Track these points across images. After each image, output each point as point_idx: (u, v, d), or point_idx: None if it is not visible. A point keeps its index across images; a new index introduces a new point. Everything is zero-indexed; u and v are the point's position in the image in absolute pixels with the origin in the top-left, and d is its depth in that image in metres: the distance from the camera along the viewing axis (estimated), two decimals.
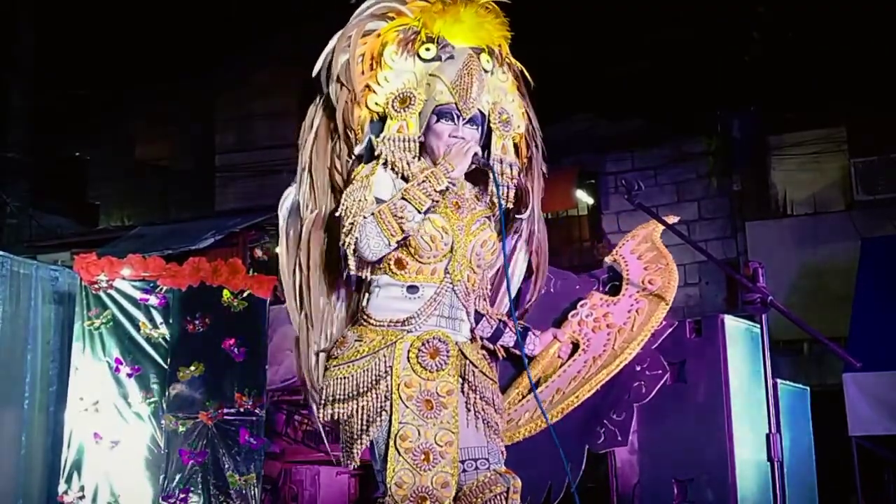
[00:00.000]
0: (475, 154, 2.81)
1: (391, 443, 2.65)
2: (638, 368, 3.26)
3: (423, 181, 2.73)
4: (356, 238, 2.68)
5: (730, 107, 10.32)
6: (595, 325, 3.31)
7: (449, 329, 2.81)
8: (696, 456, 3.85)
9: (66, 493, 6.25)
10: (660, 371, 3.27)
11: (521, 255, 3.15)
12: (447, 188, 2.76)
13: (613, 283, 3.48)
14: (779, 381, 4.02)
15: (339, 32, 2.91)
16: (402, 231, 2.69)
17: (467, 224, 2.85)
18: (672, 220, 3.59)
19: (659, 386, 3.30)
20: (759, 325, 3.21)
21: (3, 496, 6.36)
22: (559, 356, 3.24)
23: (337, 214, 2.77)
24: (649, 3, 10.49)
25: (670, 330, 3.37)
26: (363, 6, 2.94)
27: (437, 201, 2.76)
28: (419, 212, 2.71)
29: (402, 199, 2.70)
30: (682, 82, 10.15)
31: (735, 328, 4.02)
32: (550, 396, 3.17)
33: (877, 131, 9.76)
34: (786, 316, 3.11)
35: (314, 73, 2.91)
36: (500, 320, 3.08)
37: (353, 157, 2.91)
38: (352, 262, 2.72)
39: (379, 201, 2.74)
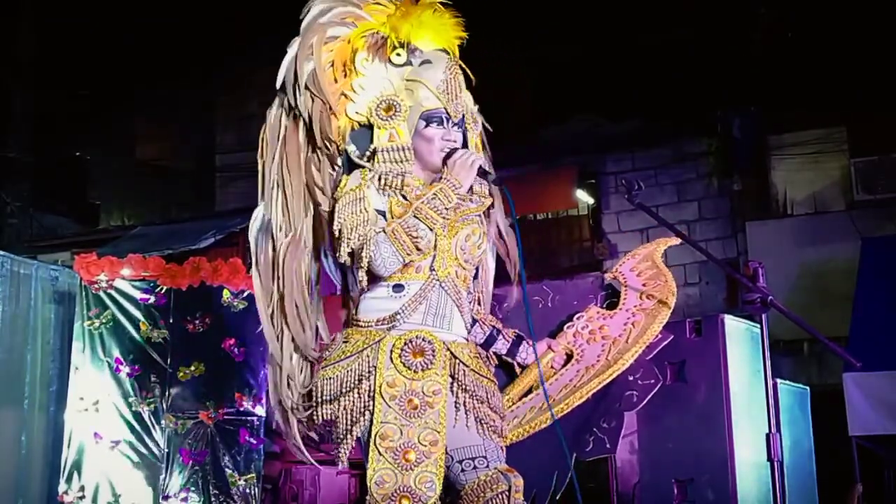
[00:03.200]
0: (479, 167, 2.82)
1: (371, 442, 2.65)
2: (631, 378, 3.26)
3: (433, 198, 2.73)
4: (370, 256, 2.68)
5: (730, 107, 10.31)
6: (590, 336, 3.31)
7: (436, 327, 2.79)
8: (696, 456, 3.85)
9: (66, 492, 6.27)
10: (652, 380, 3.26)
11: (489, 248, 3.11)
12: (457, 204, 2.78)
13: (612, 301, 3.49)
14: (779, 380, 4.01)
15: (297, 40, 2.86)
16: (418, 250, 2.71)
17: (451, 221, 2.83)
18: (672, 242, 3.61)
19: (650, 395, 3.30)
20: (759, 325, 3.21)
21: (4, 496, 6.37)
22: (552, 366, 3.23)
23: (335, 228, 2.74)
24: (649, 3, 10.49)
25: (666, 342, 3.36)
26: (314, 12, 2.89)
27: (448, 218, 2.77)
28: (430, 230, 2.72)
29: (414, 217, 2.70)
30: (682, 82, 10.15)
31: (735, 328, 4.02)
32: (541, 403, 3.16)
33: (877, 131, 9.74)
34: (786, 316, 3.11)
35: (278, 84, 2.86)
36: (493, 327, 3.07)
37: (337, 168, 2.87)
38: (363, 277, 2.72)
39: (379, 213, 2.74)
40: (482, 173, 2.85)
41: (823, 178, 10.38)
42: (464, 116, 2.90)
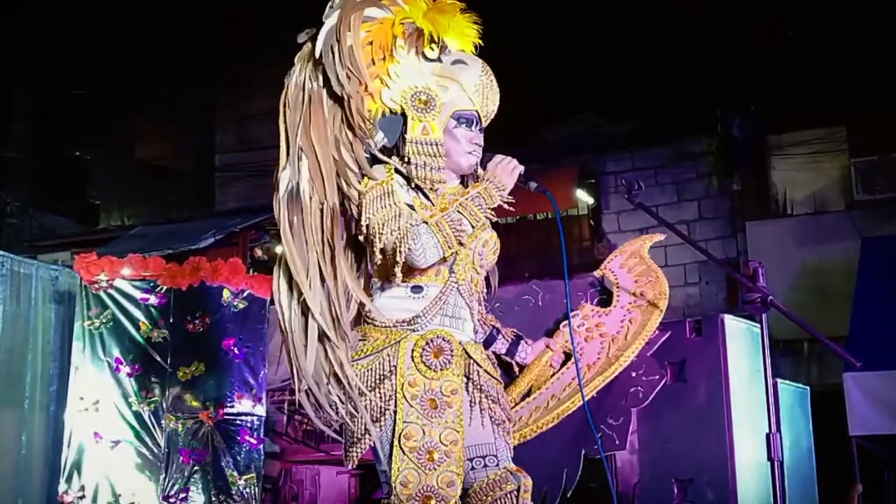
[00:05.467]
0: (520, 174, 2.85)
1: (395, 442, 2.64)
2: (634, 374, 3.28)
3: (477, 196, 2.75)
4: (409, 247, 2.64)
5: (730, 106, 10.32)
6: (588, 334, 3.33)
7: (452, 328, 2.79)
8: (697, 456, 3.85)
9: (66, 492, 6.26)
10: (657, 376, 3.28)
11: None
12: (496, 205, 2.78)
13: (602, 297, 3.50)
14: (779, 380, 4.02)
15: (335, 12, 2.75)
16: (460, 244, 2.72)
17: None
18: (657, 237, 3.63)
19: (657, 390, 3.31)
20: (759, 325, 3.21)
21: (4, 495, 6.37)
22: (551, 365, 3.24)
23: (363, 223, 2.67)
24: (650, 3, 10.49)
25: (665, 337, 3.37)
26: None
27: (490, 218, 2.79)
28: (473, 227, 2.74)
29: (458, 212, 2.71)
30: (682, 82, 10.15)
31: (735, 328, 4.02)
32: (545, 402, 3.18)
33: (877, 131, 9.75)
34: (786, 315, 3.11)
35: (317, 53, 2.73)
36: (493, 326, 3.09)
37: (368, 150, 2.78)
38: (399, 271, 2.67)
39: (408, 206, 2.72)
40: (523, 180, 2.87)
41: (823, 177, 10.39)
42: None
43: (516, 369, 3.21)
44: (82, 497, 6.26)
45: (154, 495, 6.31)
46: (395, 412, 2.66)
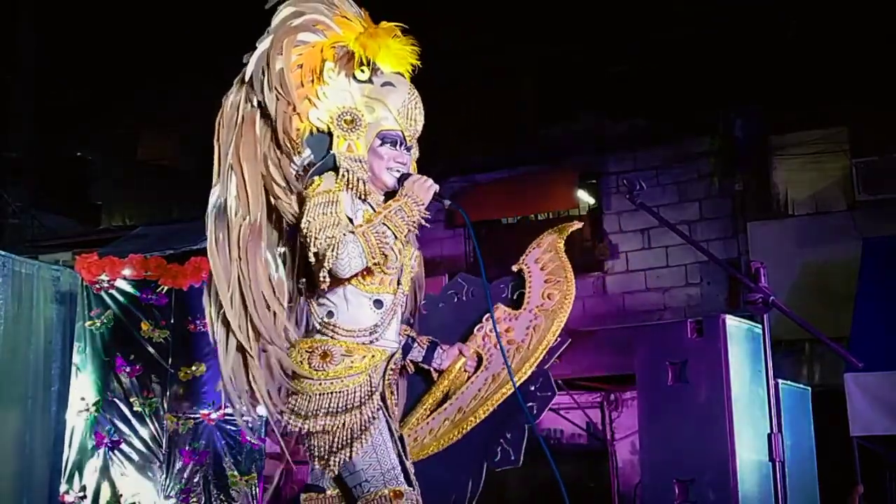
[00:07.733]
0: (435, 192, 2.94)
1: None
2: (532, 388, 3.27)
3: (399, 209, 2.84)
4: (336, 255, 2.73)
5: (732, 107, 10.31)
6: (497, 341, 3.33)
7: (395, 342, 2.99)
8: (698, 456, 3.85)
9: (67, 492, 6.26)
10: (549, 393, 3.27)
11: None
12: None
13: (520, 291, 3.50)
14: (780, 381, 4.02)
15: (268, 37, 2.95)
16: (383, 256, 2.81)
17: (401, 241, 2.96)
18: (576, 226, 3.69)
19: (547, 408, 3.30)
20: (760, 325, 3.21)
21: (7, 495, 6.38)
22: (465, 370, 3.31)
23: (304, 225, 2.78)
24: (651, 3, 10.48)
25: (565, 346, 3.35)
26: (286, 13, 2.96)
27: (412, 230, 2.91)
28: (395, 238, 2.84)
29: (384, 224, 2.81)
30: (683, 82, 10.14)
31: (736, 328, 4.03)
32: (453, 415, 3.25)
33: (878, 131, 9.73)
34: (787, 316, 3.11)
35: (248, 76, 2.94)
36: (408, 335, 3.18)
37: (296, 167, 2.92)
38: (327, 277, 2.77)
39: (348, 218, 2.83)
40: (438, 197, 2.96)
41: (824, 178, 10.37)
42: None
43: (434, 375, 3.29)
44: (83, 497, 6.27)
45: (155, 495, 6.31)
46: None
